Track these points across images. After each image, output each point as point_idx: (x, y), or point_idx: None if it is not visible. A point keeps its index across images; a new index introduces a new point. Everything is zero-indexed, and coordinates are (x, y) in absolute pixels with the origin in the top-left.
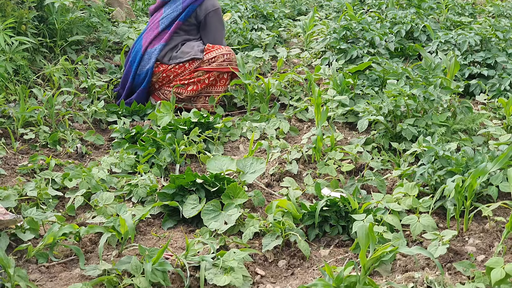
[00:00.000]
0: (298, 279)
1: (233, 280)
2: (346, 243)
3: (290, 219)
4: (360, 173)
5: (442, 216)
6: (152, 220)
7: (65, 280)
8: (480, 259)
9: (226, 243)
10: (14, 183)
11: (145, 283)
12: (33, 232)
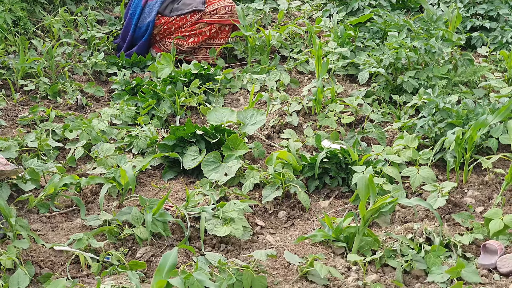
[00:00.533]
0: (298, 230)
1: (233, 231)
2: (346, 195)
3: (290, 171)
4: (360, 125)
5: (442, 168)
6: (153, 171)
7: (66, 230)
8: (479, 211)
9: (226, 194)
10: (15, 134)
11: (146, 233)
12: (34, 182)
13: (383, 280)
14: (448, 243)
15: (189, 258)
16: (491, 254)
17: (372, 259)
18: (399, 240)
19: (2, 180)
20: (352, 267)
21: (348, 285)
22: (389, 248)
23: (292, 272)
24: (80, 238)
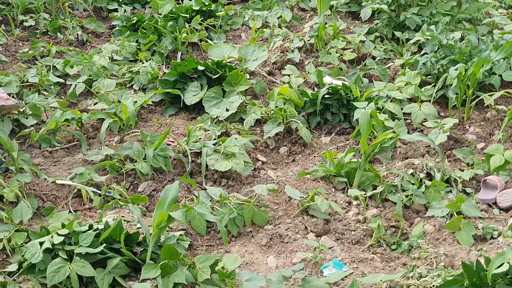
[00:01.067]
0: (299, 165)
1: (234, 166)
2: (347, 131)
3: (291, 107)
4: (362, 62)
5: (444, 105)
6: (154, 107)
7: (68, 164)
8: (480, 147)
9: (227, 129)
10: (16, 69)
11: (147, 168)
12: (35, 117)
13: (383, 214)
14: (449, 178)
15: (191, 193)
16: (491, 189)
17: (373, 194)
18: (399, 175)
19: (4, 115)
20: (353, 202)
21: (349, 219)
22: (390, 183)
23: (293, 207)
24: (82, 173)
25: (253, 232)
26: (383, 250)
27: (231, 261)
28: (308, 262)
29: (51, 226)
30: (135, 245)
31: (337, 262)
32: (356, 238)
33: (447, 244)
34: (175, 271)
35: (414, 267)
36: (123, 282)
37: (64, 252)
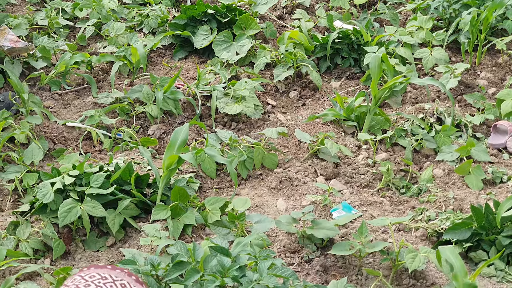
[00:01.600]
0: (309, 109)
1: (244, 109)
2: (358, 76)
3: (301, 51)
4: (373, 7)
5: (455, 50)
6: (164, 51)
7: (78, 107)
8: (491, 92)
9: (237, 73)
10: (24, 12)
11: (157, 111)
12: (45, 60)
13: (392, 158)
14: (459, 123)
15: (200, 136)
16: (502, 134)
17: (383, 138)
18: (410, 119)
19: (14, 57)
20: (363, 146)
21: (358, 163)
22: (400, 127)
23: (303, 150)
24: (92, 115)
25: (262, 175)
26: (392, 193)
27: (241, 203)
28: (317, 205)
29: (62, 167)
30: (145, 187)
31: (346, 205)
32: (366, 181)
33: (456, 188)
34: (185, 213)
35: (423, 210)
36: (134, 223)
37: (75, 193)
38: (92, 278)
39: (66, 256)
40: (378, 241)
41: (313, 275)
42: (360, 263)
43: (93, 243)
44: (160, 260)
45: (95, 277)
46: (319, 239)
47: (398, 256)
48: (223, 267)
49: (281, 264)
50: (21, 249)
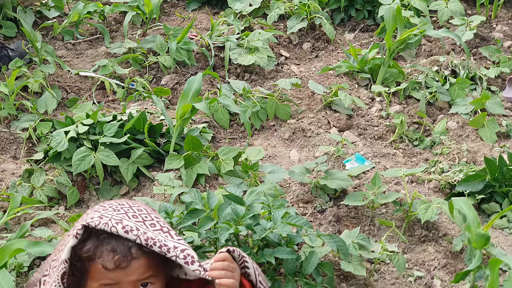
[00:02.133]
0: (322, 61)
1: (257, 60)
2: (372, 28)
3: (315, 2)
4: None
5: (471, 2)
6: (177, 1)
7: (91, 57)
8: (507, 45)
9: (250, 24)
10: None
11: (170, 61)
12: (58, 10)
13: (406, 111)
14: (474, 76)
15: (213, 87)
16: None
17: (396, 90)
18: (424, 72)
19: (26, 6)
20: (376, 98)
21: (372, 115)
22: (414, 80)
23: (316, 102)
24: (105, 65)
25: (275, 126)
26: (405, 145)
27: (254, 153)
28: (330, 156)
29: (76, 116)
30: (158, 137)
31: (359, 157)
32: (379, 133)
33: (470, 140)
34: (198, 163)
35: (436, 163)
36: (147, 172)
37: (88, 141)
38: (110, 204)
39: (80, 204)
40: (391, 192)
41: (325, 225)
42: (373, 213)
43: (106, 191)
44: (174, 208)
45: (112, 204)
46: (332, 190)
47: (410, 207)
48: (237, 215)
49: (294, 213)
50: (36, 197)
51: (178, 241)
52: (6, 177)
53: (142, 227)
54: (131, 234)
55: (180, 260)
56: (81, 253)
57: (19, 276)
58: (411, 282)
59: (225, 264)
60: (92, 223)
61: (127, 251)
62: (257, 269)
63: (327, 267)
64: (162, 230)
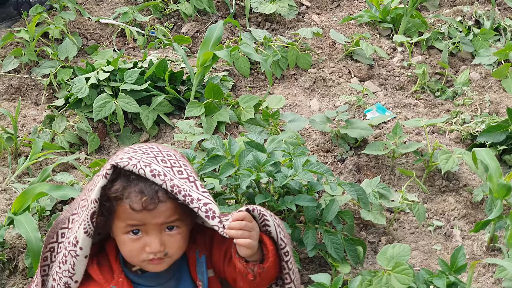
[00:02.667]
0: (344, 11)
1: (278, 9)
2: None
3: None
4: None
5: None
6: None
7: (111, 4)
8: None
9: None
10: None
11: (191, 9)
12: None
13: (428, 61)
14: (498, 27)
15: (234, 35)
16: None
17: (419, 40)
18: (447, 22)
19: None
20: (398, 48)
21: (393, 65)
22: (437, 30)
23: (337, 51)
24: (125, 12)
25: (296, 75)
26: (426, 96)
27: (275, 101)
28: (351, 106)
29: (96, 63)
30: (179, 84)
31: (380, 107)
32: (400, 84)
33: (493, 91)
34: (218, 110)
35: (458, 113)
36: (167, 120)
37: (109, 88)
38: (140, 147)
39: (100, 150)
40: (412, 142)
41: (346, 174)
42: (393, 163)
43: (127, 138)
44: (195, 155)
45: (142, 146)
46: (353, 139)
47: (431, 158)
48: (258, 162)
49: (316, 161)
50: (57, 142)
51: (203, 193)
52: (27, 123)
53: (170, 173)
54: (158, 178)
55: (202, 213)
56: (110, 193)
57: (41, 220)
58: (431, 232)
59: (242, 224)
60: (121, 163)
61: (154, 194)
62: (278, 226)
63: (347, 215)
64: (188, 179)
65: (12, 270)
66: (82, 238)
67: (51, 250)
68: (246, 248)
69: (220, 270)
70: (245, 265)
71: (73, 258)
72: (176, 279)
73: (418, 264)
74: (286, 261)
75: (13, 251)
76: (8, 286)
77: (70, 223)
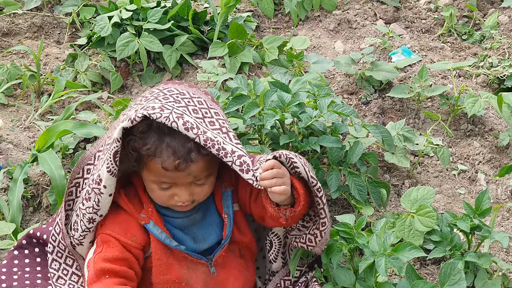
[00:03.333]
0: None
1: None
2: None
3: None
4: None
5: None
6: None
7: None
8: None
9: None
10: None
11: None
12: None
13: (456, 4)
14: None
15: None
16: None
17: None
18: None
19: None
20: None
21: (420, 7)
22: None
23: None
24: None
25: (320, 17)
26: (453, 39)
27: (299, 42)
28: (376, 48)
29: (119, 1)
30: (202, 24)
31: (406, 49)
32: (426, 26)
33: None
34: (242, 51)
35: (485, 57)
36: (190, 60)
37: (132, 27)
38: (170, 92)
39: (123, 89)
40: (438, 86)
41: (370, 117)
42: (418, 106)
43: (149, 78)
44: (219, 94)
45: (173, 91)
46: (378, 81)
47: (457, 101)
48: (283, 102)
49: (341, 102)
50: (80, 81)
51: (236, 145)
52: (50, 61)
53: (202, 125)
54: (191, 132)
55: (236, 167)
56: (141, 150)
57: (65, 158)
58: (455, 176)
59: (274, 172)
60: (154, 115)
61: (187, 155)
62: (305, 164)
63: (371, 158)
64: (221, 130)
65: (36, 206)
66: (105, 177)
67: (76, 185)
68: (280, 195)
69: (246, 206)
70: (277, 210)
71: (97, 196)
72: (202, 212)
73: (441, 207)
74: (320, 197)
75: (37, 188)
76: (32, 223)
77: (95, 159)
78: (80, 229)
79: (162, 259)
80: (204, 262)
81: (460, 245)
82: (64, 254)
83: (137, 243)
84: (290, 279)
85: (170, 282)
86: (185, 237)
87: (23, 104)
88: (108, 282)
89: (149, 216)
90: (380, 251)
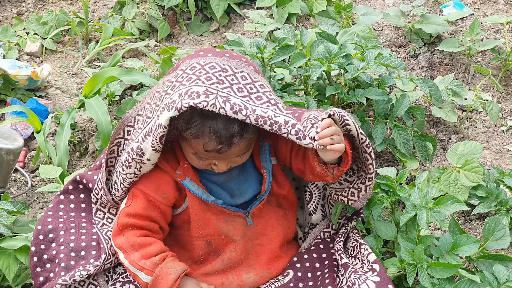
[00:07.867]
0: None
1: None
2: None
3: None
4: None
5: None
6: None
7: None
8: None
9: None
10: None
11: None
12: None
13: None
14: None
15: None
16: None
17: None
18: None
19: None
20: None
21: None
22: None
23: None
24: None
25: None
26: None
27: None
28: (427, 0)
29: None
30: None
31: (458, 3)
32: None
33: None
34: (290, 1)
35: None
36: (238, 9)
37: None
38: (212, 69)
39: (170, 38)
40: (490, 40)
41: (418, 70)
42: (469, 61)
43: (196, 27)
44: (266, 44)
45: (215, 68)
46: (427, 35)
47: (509, 56)
48: (329, 53)
49: (388, 54)
50: (127, 29)
51: (287, 115)
52: (98, 8)
53: (249, 103)
54: (240, 114)
55: (292, 137)
56: (184, 133)
57: (111, 104)
58: (503, 132)
59: (332, 130)
60: (200, 104)
61: (229, 139)
62: (355, 122)
63: (418, 111)
64: (270, 103)
65: (82, 152)
66: (149, 152)
67: (117, 144)
68: (335, 153)
69: (286, 160)
70: (325, 169)
71: (139, 164)
72: (240, 167)
73: (488, 163)
74: (369, 153)
75: (84, 134)
76: (78, 167)
77: (135, 122)
78: (121, 190)
79: (199, 214)
80: (241, 214)
81: (506, 201)
82: (108, 205)
83: (166, 200)
84: (330, 231)
85: (209, 235)
86: (222, 192)
87: (71, 51)
88: (130, 234)
89: (185, 173)
90: (422, 204)
